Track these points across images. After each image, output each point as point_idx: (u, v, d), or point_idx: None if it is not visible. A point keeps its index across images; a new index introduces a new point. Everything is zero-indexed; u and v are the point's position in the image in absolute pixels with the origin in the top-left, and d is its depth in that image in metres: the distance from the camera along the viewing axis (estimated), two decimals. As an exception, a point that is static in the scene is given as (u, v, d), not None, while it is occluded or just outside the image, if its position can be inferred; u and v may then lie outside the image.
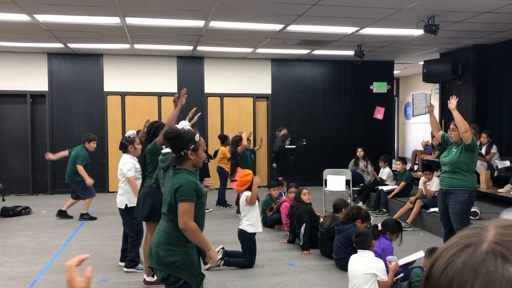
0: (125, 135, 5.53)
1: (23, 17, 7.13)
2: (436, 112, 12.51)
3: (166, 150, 4.19)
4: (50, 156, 8.34)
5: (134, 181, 5.17)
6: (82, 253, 4.63)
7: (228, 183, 9.37)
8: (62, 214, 8.02)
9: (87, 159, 7.83)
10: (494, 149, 8.05)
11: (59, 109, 10.69)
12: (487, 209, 6.95)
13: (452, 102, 4.97)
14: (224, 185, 9.10)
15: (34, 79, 10.54)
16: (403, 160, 8.88)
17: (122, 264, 5.30)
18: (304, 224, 5.94)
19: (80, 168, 7.70)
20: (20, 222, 7.83)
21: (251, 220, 5.41)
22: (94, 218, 7.93)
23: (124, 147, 5.34)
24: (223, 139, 9.32)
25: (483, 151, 8.07)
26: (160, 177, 4.30)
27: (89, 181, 7.73)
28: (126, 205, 5.15)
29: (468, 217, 5.27)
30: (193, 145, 2.98)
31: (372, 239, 4.27)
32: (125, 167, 5.24)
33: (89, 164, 8.00)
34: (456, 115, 4.93)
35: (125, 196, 5.20)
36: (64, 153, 8.19)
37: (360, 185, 9.52)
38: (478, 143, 8.17)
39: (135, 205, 5.02)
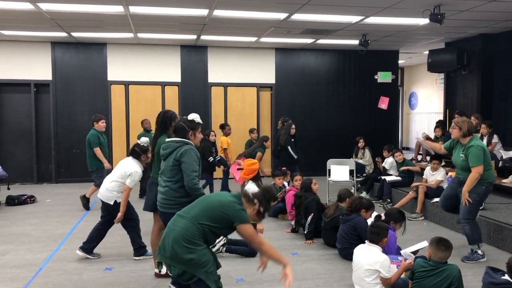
0: (139, 142, 5.19)
1: (26, 6, 7.12)
2: (441, 103, 12.48)
3: (170, 138, 4.16)
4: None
5: (128, 192, 5.02)
6: (87, 241, 4.46)
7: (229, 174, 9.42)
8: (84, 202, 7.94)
9: (98, 139, 7.78)
10: (495, 139, 8.01)
11: (63, 98, 10.70)
12: (491, 200, 6.92)
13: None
14: (226, 175, 9.11)
15: (38, 68, 10.54)
16: (400, 151, 8.83)
17: (137, 258, 5.27)
18: (312, 214, 5.94)
19: (97, 151, 7.71)
20: (25, 210, 7.89)
21: None
22: (88, 208, 7.88)
23: (137, 155, 5.11)
24: (221, 128, 9.32)
25: (484, 141, 8.04)
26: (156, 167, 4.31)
27: (106, 164, 7.74)
28: (116, 201, 5.08)
29: (478, 209, 5.27)
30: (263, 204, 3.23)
31: (385, 237, 4.17)
32: (132, 176, 5.00)
33: (104, 145, 7.96)
34: (467, 186, 5.00)
35: (117, 194, 5.09)
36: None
37: (364, 175, 9.53)
38: (479, 135, 8.17)
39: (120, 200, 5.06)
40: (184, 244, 2.96)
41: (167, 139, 4.14)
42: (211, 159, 8.41)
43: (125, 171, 5.10)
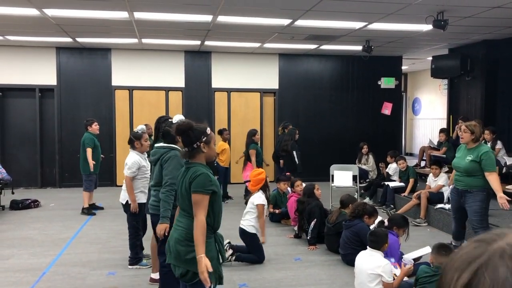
0: (134, 130, 5.31)
1: (32, 11, 7.17)
2: (444, 108, 12.46)
3: (157, 144, 4.18)
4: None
5: (128, 181, 4.99)
6: (90, 246, 4.70)
7: (232, 179, 9.41)
8: (85, 212, 7.93)
9: (93, 142, 7.86)
10: (499, 145, 8.00)
11: (67, 103, 10.76)
12: (494, 206, 6.88)
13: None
14: (221, 182, 9.08)
15: (43, 73, 10.61)
16: (404, 158, 8.77)
17: (130, 267, 5.27)
18: (315, 219, 5.94)
19: (89, 152, 7.75)
20: (29, 215, 7.91)
21: (252, 221, 5.42)
22: (93, 214, 7.91)
23: (131, 142, 5.15)
24: (219, 133, 9.32)
25: None
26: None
27: (91, 164, 7.74)
28: (127, 201, 5.08)
29: (487, 215, 5.24)
30: (205, 138, 2.96)
31: (386, 242, 4.18)
32: (127, 165, 5.03)
33: (99, 148, 8.05)
34: (498, 191, 4.98)
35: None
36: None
37: (367, 180, 9.51)
38: (482, 140, 8.15)
39: (139, 201, 5.03)
40: (187, 243, 2.90)
41: (156, 145, 4.18)
42: None
43: (125, 164, 5.13)
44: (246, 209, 5.60)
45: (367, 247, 4.21)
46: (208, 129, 3.04)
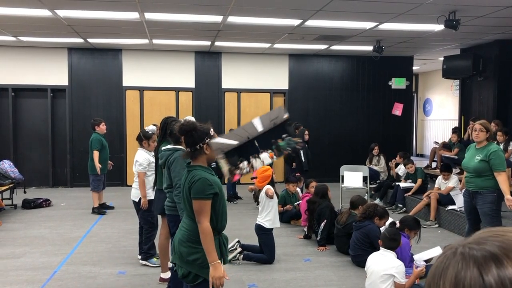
0: (145, 128, 5.38)
1: (44, 12, 7.24)
2: (456, 109, 12.36)
3: (165, 147, 4.19)
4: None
5: (142, 177, 5.09)
6: (100, 245, 4.74)
7: (241, 179, 9.39)
8: (96, 211, 7.99)
9: (101, 143, 7.88)
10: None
11: (78, 103, 10.84)
12: (507, 208, 6.82)
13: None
14: (230, 181, 9.11)
15: (54, 73, 10.70)
16: (411, 161, 8.65)
17: (141, 261, 5.32)
18: (325, 220, 5.92)
19: (95, 154, 7.79)
20: (40, 214, 7.99)
21: (269, 215, 5.42)
22: (104, 213, 7.95)
23: (140, 141, 5.23)
24: None
25: None
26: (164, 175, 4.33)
27: (97, 168, 7.76)
28: (140, 198, 5.14)
29: (499, 217, 5.16)
30: (208, 139, 2.89)
31: (400, 243, 4.20)
32: (138, 163, 5.14)
33: (107, 148, 8.09)
34: (507, 192, 4.87)
35: (138, 190, 5.18)
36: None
37: (377, 182, 9.46)
38: (495, 142, 8.05)
39: (149, 198, 5.09)
40: (189, 244, 2.89)
41: (163, 148, 4.19)
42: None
43: (135, 162, 5.22)
44: (260, 206, 5.60)
45: (381, 247, 4.20)
46: (212, 130, 2.99)
